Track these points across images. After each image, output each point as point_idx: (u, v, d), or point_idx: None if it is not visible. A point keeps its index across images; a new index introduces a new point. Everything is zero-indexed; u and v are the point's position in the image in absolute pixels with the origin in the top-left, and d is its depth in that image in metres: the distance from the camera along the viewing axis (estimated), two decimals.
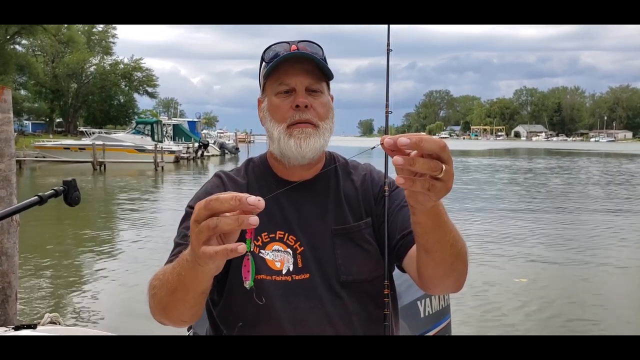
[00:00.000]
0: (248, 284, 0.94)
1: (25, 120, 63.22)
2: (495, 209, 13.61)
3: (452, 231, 1.11)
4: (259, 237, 1.32)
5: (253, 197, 0.85)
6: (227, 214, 0.87)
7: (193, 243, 0.92)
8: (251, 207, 0.85)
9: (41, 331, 1.70)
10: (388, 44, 1.34)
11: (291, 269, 1.31)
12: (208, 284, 1.06)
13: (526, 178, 24.43)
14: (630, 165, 35.38)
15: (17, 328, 1.68)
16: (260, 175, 1.42)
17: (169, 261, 1.24)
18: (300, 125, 1.30)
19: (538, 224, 11.34)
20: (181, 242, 1.27)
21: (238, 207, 0.86)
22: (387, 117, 1.34)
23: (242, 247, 0.86)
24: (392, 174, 1.38)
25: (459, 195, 16.22)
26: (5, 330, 1.68)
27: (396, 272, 1.39)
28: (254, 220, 0.85)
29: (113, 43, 65.76)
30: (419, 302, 1.88)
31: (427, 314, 1.91)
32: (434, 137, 0.90)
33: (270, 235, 1.33)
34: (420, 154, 0.87)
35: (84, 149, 29.65)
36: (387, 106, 1.34)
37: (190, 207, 1.35)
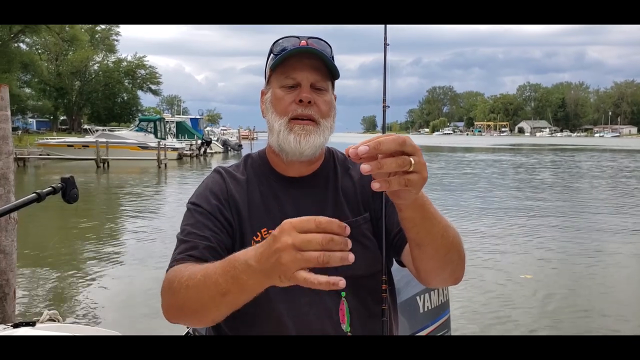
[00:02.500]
0: (345, 327, 0.93)
1: (30, 118, 63.49)
2: (495, 206, 13.57)
3: (440, 222, 1.12)
4: (258, 233, 1.32)
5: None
6: (337, 253, 0.89)
7: (288, 265, 0.90)
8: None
9: (40, 329, 1.70)
10: (385, 45, 1.34)
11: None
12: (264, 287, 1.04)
13: (518, 173, 24.39)
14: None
15: (16, 326, 1.68)
16: (259, 170, 1.41)
17: (181, 259, 1.22)
18: (301, 122, 1.30)
19: (540, 220, 11.32)
20: (188, 239, 1.26)
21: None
22: (384, 111, 1.34)
23: (342, 283, 0.89)
24: None
25: (457, 191, 16.22)
26: (4, 328, 1.68)
27: (395, 268, 1.39)
28: (352, 257, 0.90)
29: (116, 41, 65.94)
30: (418, 298, 1.88)
31: (426, 309, 1.91)
32: (392, 135, 0.92)
33: (270, 231, 1.32)
34: (385, 155, 0.90)
35: (88, 146, 29.73)
36: (384, 100, 1.33)
37: (192, 204, 1.34)
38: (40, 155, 30.96)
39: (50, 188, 1.58)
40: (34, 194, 1.52)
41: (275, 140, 1.33)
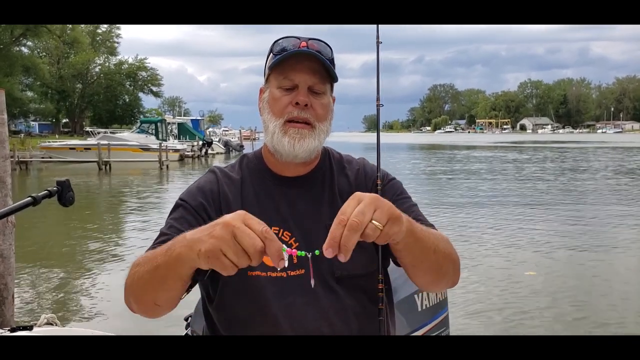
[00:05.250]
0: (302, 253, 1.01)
1: (32, 121, 63.74)
2: (497, 203, 13.55)
3: (430, 237, 1.16)
4: None
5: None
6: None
7: (216, 238, 0.95)
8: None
9: (37, 332, 1.70)
10: (377, 44, 1.34)
11: (286, 264, 1.30)
12: (190, 271, 1.07)
13: (517, 168, 24.39)
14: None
15: (13, 330, 1.68)
16: (254, 170, 1.41)
17: (151, 248, 1.24)
18: (297, 125, 1.30)
19: (543, 218, 11.29)
20: (167, 232, 1.28)
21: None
22: (378, 110, 1.35)
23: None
24: (385, 167, 1.38)
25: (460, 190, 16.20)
26: (1, 333, 1.68)
27: (392, 266, 1.38)
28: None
29: (117, 43, 66.13)
30: (416, 296, 1.88)
31: (424, 307, 1.92)
32: (348, 228, 0.97)
33: None
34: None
35: (89, 148, 29.80)
36: (378, 99, 1.34)
37: (180, 199, 1.36)
38: (42, 158, 31.05)
39: (46, 191, 1.58)
40: (29, 198, 1.52)
41: (270, 141, 1.34)
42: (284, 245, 0.95)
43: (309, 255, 0.98)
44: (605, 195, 14.75)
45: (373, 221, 0.97)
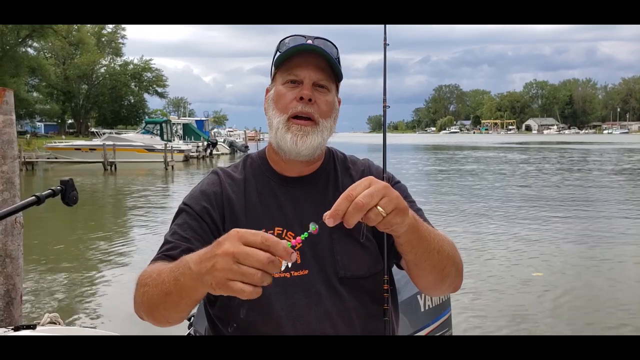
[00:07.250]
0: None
1: (38, 122, 64.01)
2: (500, 202, 13.51)
3: (435, 237, 1.16)
4: None
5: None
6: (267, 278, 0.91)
7: (221, 272, 0.92)
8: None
9: (41, 331, 1.70)
10: (385, 45, 1.34)
11: (290, 265, 1.29)
12: (203, 295, 1.05)
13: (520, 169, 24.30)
14: None
15: (16, 329, 1.68)
16: (258, 170, 1.40)
17: (158, 258, 1.24)
18: (300, 122, 1.29)
19: (550, 218, 11.24)
20: (171, 240, 1.27)
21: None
22: (384, 111, 1.34)
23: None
24: (390, 169, 1.37)
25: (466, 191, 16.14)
26: (5, 331, 1.68)
27: (395, 268, 1.38)
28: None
29: (122, 44, 66.36)
30: (419, 296, 1.88)
31: (427, 308, 1.92)
32: (354, 205, 0.97)
33: (269, 232, 1.31)
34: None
35: (95, 149, 29.93)
36: (384, 100, 1.33)
37: (183, 204, 1.35)
38: (48, 158, 31.23)
39: (49, 191, 1.58)
40: (33, 197, 1.52)
41: (273, 138, 1.34)
42: (287, 242, 0.94)
43: (311, 230, 0.99)
44: (613, 196, 14.68)
45: (378, 207, 0.98)
